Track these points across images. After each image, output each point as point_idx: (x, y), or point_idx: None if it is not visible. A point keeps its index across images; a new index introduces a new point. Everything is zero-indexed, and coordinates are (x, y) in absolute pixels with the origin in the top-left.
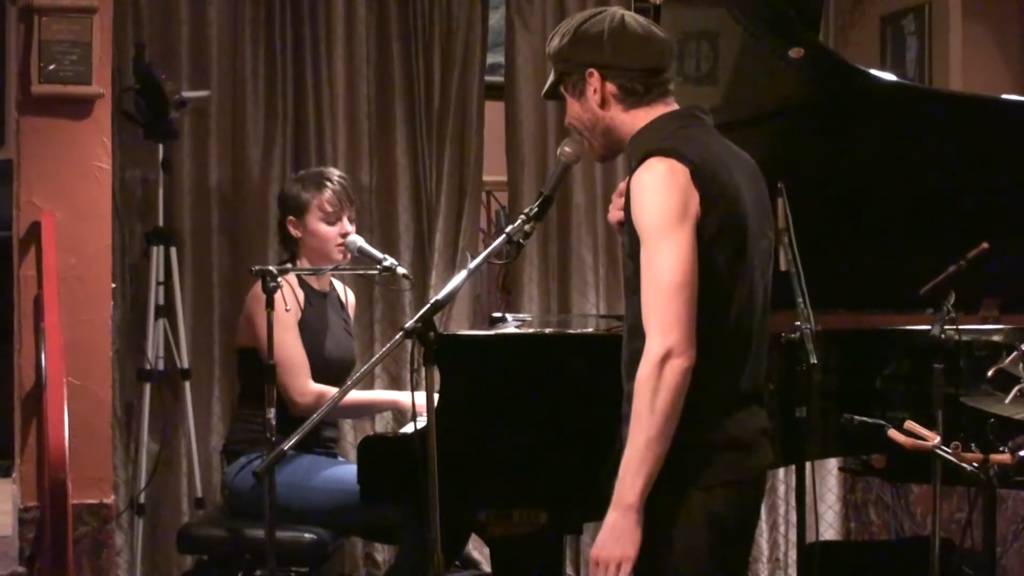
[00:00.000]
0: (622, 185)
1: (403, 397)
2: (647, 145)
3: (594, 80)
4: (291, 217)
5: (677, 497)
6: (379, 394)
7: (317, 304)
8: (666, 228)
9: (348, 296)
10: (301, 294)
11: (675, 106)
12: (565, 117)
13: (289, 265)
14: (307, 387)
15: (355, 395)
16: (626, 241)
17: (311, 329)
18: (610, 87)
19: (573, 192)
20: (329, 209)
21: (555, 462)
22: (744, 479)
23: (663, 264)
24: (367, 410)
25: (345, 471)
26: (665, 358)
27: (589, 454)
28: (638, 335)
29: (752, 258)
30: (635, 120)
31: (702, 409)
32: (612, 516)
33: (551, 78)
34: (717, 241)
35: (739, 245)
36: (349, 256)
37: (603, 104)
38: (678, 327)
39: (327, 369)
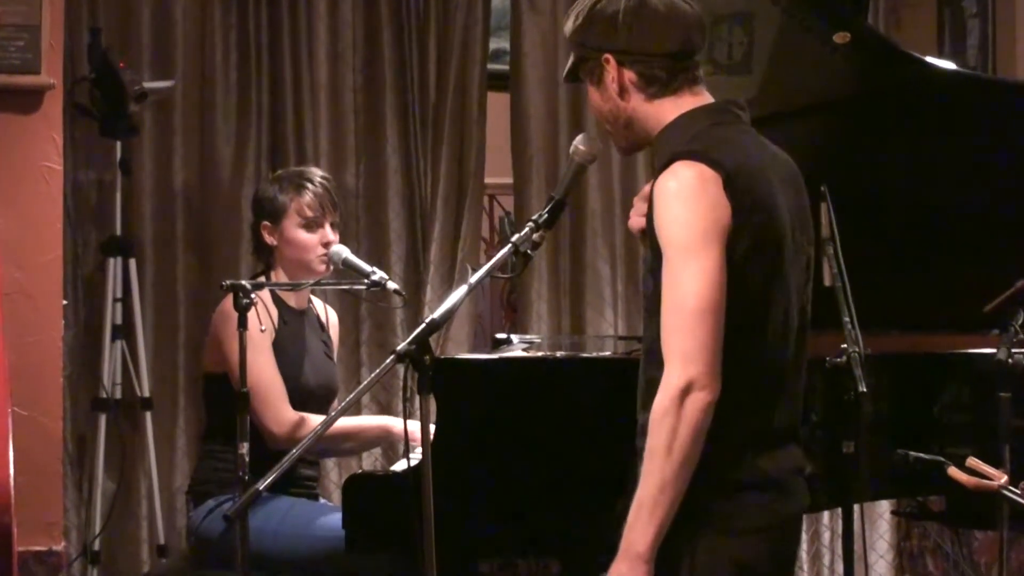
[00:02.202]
0: (646, 188)
1: (395, 423)
2: (673, 146)
3: (611, 67)
4: (266, 223)
5: (700, 544)
6: (367, 419)
7: (293, 323)
8: (692, 244)
9: (329, 315)
10: (275, 311)
11: (707, 96)
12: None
13: (264, 279)
14: (285, 415)
15: (339, 422)
16: (648, 256)
17: (286, 352)
18: (629, 75)
19: (588, 196)
20: (309, 214)
21: (568, 503)
22: (777, 524)
23: (687, 285)
24: (354, 440)
25: (328, 515)
26: (685, 391)
27: (608, 494)
28: (656, 362)
29: (789, 277)
30: (660, 112)
31: (729, 446)
32: (619, 567)
33: (571, 59)
34: (750, 259)
35: (775, 263)
36: (332, 268)
37: (623, 93)
38: (701, 356)
39: (305, 399)
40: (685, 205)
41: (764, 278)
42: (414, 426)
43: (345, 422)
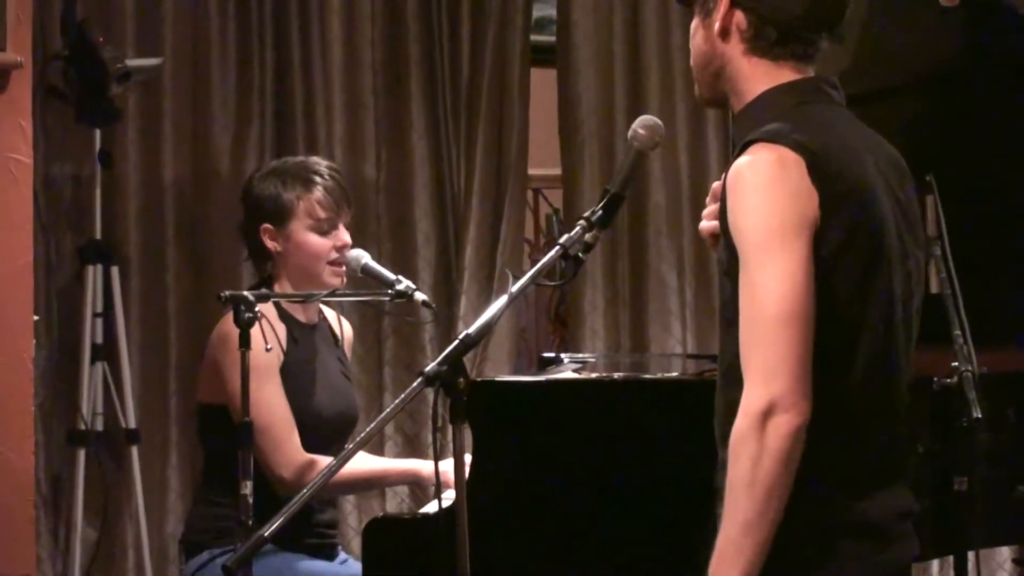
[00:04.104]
0: (717, 185)
1: (424, 466)
2: (753, 125)
3: (724, 2)
4: (267, 225)
5: None
6: (391, 463)
7: (304, 341)
8: (772, 240)
9: (343, 327)
10: (282, 329)
11: (810, 74)
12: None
13: (269, 291)
14: (296, 457)
15: (358, 464)
16: (722, 256)
17: (297, 376)
18: (738, 17)
19: (650, 189)
20: (322, 214)
21: (627, 552)
22: None
23: (767, 288)
24: (375, 485)
25: (345, 567)
26: (767, 413)
27: (677, 543)
28: (735, 381)
29: (891, 282)
30: (754, 74)
31: (823, 483)
32: None
33: None
34: (841, 258)
35: (872, 265)
36: (344, 280)
37: (724, 35)
38: (785, 372)
39: (321, 429)
40: (762, 194)
41: (858, 283)
42: (447, 466)
43: (364, 464)
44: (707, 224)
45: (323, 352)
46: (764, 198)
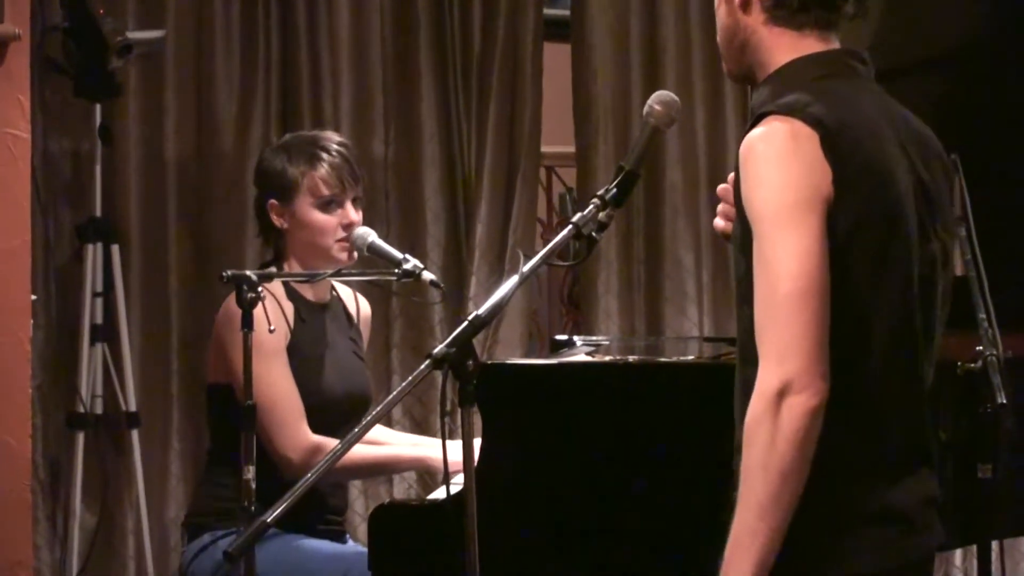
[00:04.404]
0: (725, 187)
1: (432, 450)
2: (770, 97)
3: None
4: (274, 200)
5: None
6: (401, 448)
7: (313, 321)
8: (784, 214)
9: (360, 306)
10: (290, 308)
11: (834, 46)
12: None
13: (274, 269)
14: (303, 438)
15: (365, 449)
16: (736, 232)
17: (305, 356)
18: None
19: (667, 167)
20: (325, 192)
21: (641, 541)
22: (903, 566)
23: (780, 264)
24: (383, 469)
25: (351, 553)
26: (782, 394)
27: (691, 531)
28: (750, 360)
29: (910, 265)
30: (777, 45)
31: (842, 468)
32: None
33: None
34: (855, 237)
35: (887, 244)
36: (355, 256)
37: (745, 6)
38: (800, 350)
39: (329, 411)
40: (775, 168)
41: (872, 264)
42: (455, 451)
43: (372, 450)
44: (722, 220)
45: (333, 332)
46: (777, 171)
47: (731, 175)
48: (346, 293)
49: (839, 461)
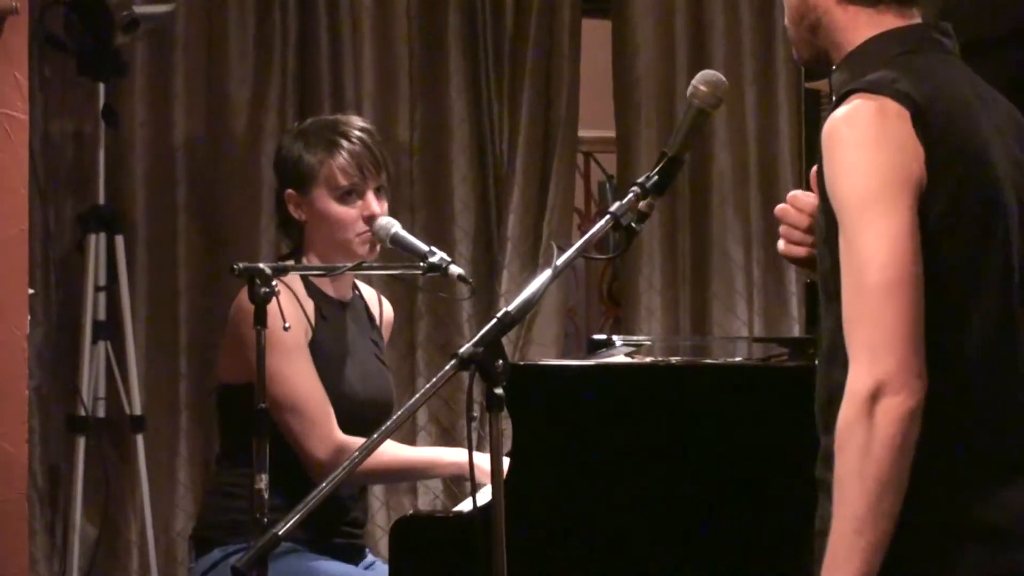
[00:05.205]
0: (800, 197)
1: (458, 457)
2: (852, 76)
3: None
4: (291, 190)
5: None
6: (423, 452)
7: (334, 319)
8: (872, 199)
9: (383, 307)
10: (310, 305)
11: (917, 20)
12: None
13: (291, 262)
14: (334, 437)
15: (387, 453)
16: (820, 223)
17: (325, 356)
18: None
19: (715, 153)
20: (343, 182)
21: (684, 557)
22: None
23: (868, 254)
24: (405, 476)
25: (371, 572)
26: (875, 396)
27: (740, 543)
28: (838, 362)
29: (1010, 253)
30: (853, 25)
31: (937, 478)
32: None
33: None
34: (949, 222)
35: (985, 230)
36: (378, 249)
37: None
38: (893, 347)
39: (349, 416)
40: (862, 150)
41: (969, 252)
42: (483, 459)
43: (408, 450)
44: (786, 247)
45: (354, 332)
46: (864, 154)
47: (799, 195)
48: (369, 293)
49: (937, 468)
